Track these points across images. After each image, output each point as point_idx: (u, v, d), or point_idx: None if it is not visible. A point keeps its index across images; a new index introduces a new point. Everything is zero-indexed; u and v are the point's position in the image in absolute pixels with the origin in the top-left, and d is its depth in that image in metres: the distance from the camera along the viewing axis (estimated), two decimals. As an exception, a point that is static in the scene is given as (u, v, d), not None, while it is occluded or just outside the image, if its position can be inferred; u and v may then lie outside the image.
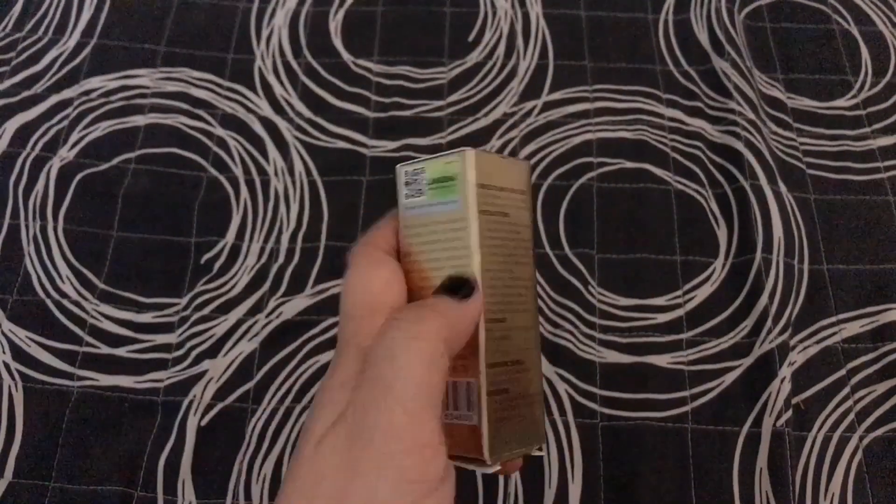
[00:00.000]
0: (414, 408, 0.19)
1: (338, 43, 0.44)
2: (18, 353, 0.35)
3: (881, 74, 0.43)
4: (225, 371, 0.35)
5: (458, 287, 0.22)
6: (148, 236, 0.38)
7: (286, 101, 0.42)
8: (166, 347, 0.36)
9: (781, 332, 0.35)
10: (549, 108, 0.41)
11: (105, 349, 0.35)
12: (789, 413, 0.34)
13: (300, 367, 0.35)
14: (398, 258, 0.24)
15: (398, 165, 0.24)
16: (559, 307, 0.36)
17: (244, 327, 0.36)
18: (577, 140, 0.40)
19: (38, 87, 0.42)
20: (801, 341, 0.36)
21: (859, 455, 0.33)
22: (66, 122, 0.41)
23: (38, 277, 0.37)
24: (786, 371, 0.34)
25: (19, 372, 0.35)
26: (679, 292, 0.37)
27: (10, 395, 0.34)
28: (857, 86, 0.42)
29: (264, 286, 0.37)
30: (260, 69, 0.43)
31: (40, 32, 0.43)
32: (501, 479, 0.33)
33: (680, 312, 0.36)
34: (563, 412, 0.34)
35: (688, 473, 0.33)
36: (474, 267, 0.22)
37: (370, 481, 0.19)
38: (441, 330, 0.20)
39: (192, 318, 0.36)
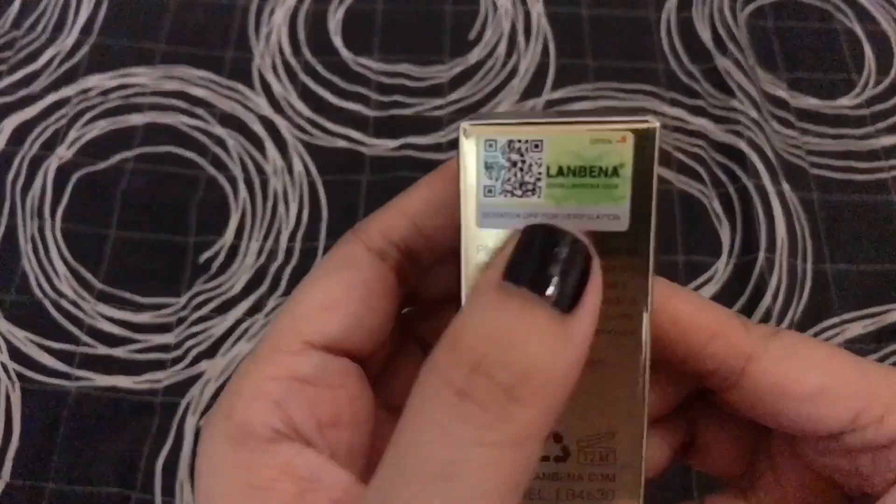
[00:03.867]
0: None
1: (337, 41, 0.43)
2: (16, 353, 0.35)
3: (885, 73, 0.42)
4: (223, 372, 0.35)
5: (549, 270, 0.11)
6: (146, 236, 0.38)
7: (285, 99, 0.41)
8: (164, 348, 0.35)
9: (784, 333, 0.35)
10: (551, 106, 0.41)
11: (103, 349, 0.35)
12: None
13: (299, 367, 0.35)
14: (405, 263, 0.16)
15: (467, 125, 0.13)
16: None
17: (243, 327, 0.36)
18: (578, 139, 0.40)
19: (36, 86, 0.41)
20: (805, 342, 0.35)
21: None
22: (63, 121, 0.40)
23: (36, 277, 0.37)
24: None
25: (16, 372, 0.35)
26: (681, 292, 0.36)
27: (8, 396, 0.34)
28: (861, 84, 0.42)
29: (263, 286, 0.37)
30: (259, 67, 0.42)
31: (38, 30, 0.43)
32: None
33: (682, 313, 0.36)
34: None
35: (690, 474, 0.33)
36: (642, 330, 0.14)
37: None
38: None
39: (191, 319, 0.36)
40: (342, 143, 0.40)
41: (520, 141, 0.13)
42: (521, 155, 0.13)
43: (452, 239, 0.14)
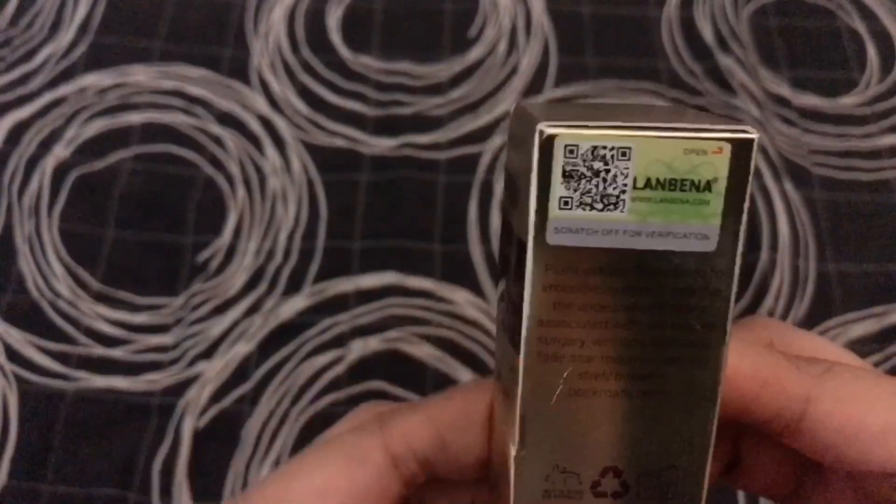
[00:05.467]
0: None
1: (336, 39, 0.43)
2: (12, 354, 0.35)
3: (888, 71, 0.42)
4: (221, 372, 0.35)
5: None
6: (144, 235, 0.37)
7: (284, 98, 0.41)
8: (162, 348, 0.35)
9: (787, 333, 0.35)
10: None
11: (100, 350, 0.35)
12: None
13: (298, 368, 0.35)
14: (420, 474, 0.15)
15: (545, 126, 0.11)
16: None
17: (241, 328, 0.35)
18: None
19: (33, 84, 0.41)
20: (807, 342, 0.35)
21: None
22: (61, 120, 0.40)
23: (33, 277, 0.36)
24: (791, 373, 0.34)
25: (13, 373, 0.34)
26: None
27: (5, 396, 0.34)
28: (864, 83, 0.42)
29: (261, 286, 0.36)
30: (257, 66, 0.42)
31: (35, 28, 0.43)
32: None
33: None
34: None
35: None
36: (719, 361, 0.13)
37: None
38: None
39: (188, 319, 0.36)
40: (341, 142, 0.40)
41: (605, 147, 0.11)
42: (606, 163, 0.11)
43: (479, 460, 0.14)
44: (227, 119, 0.41)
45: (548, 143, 0.11)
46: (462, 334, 0.35)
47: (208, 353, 0.35)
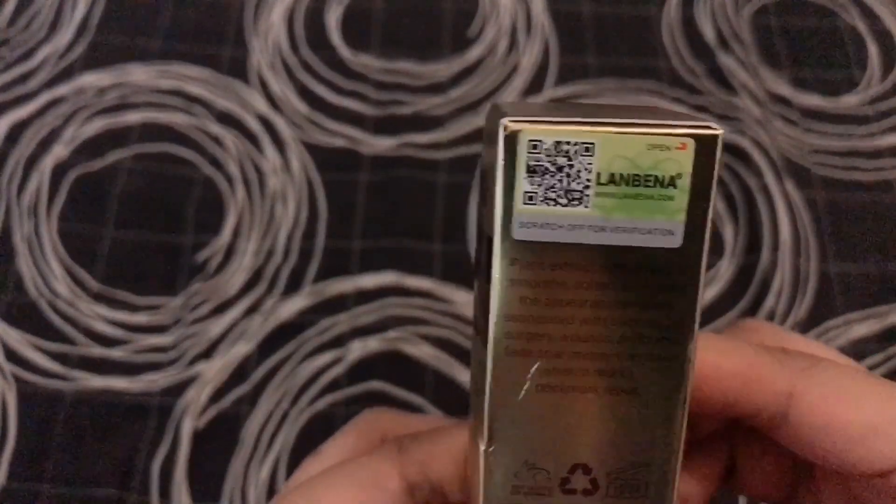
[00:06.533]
0: None
1: (336, 38, 0.43)
2: (11, 354, 0.35)
3: (889, 71, 0.42)
4: (220, 373, 0.35)
5: None
6: (143, 235, 0.37)
7: (283, 97, 0.41)
8: (161, 349, 0.35)
9: (788, 334, 0.35)
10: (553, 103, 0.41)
11: (99, 350, 0.35)
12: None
13: (298, 368, 0.35)
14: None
15: (509, 122, 0.12)
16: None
17: (240, 328, 0.35)
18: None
19: (32, 84, 0.41)
20: (808, 343, 0.35)
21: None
22: (59, 120, 0.40)
23: (32, 277, 0.36)
24: (792, 373, 0.34)
25: (12, 373, 0.34)
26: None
27: (3, 397, 0.34)
28: (865, 82, 0.42)
29: (261, 286, 0.36)
30: (256, 65, 0.42)
31: (34, 28, 0.43)
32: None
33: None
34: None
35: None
36: (686, 357, 0.13)
37: None
38: None
39: (188, 319, 0.35)
40: (341, 142, 0.40)
41: (568, 143, 0.11)
42: (570, 159, 0.11)
43: None
44: (226, 118, 0.41)
45: (511, 138, 0.12)
46: (462, 334, 0.35)
47: (207, 354, 0.35)
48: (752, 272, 0.36)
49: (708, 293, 0.36)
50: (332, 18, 0.44)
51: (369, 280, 0.36)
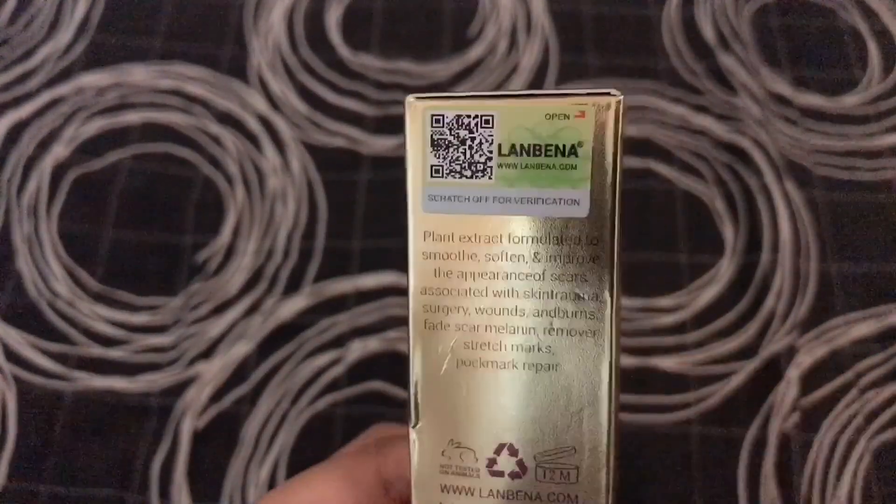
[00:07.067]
0: None
1: (335, 38, 0.43)
2: (11, 355, 0.35)
3: (890, 71, 0.42)
4: (220, 373, 0.34)
5: None
6: (142, 235, 0.37)
7: (283, 97, 0.41)
8: (161, 349, 0.35)
9: (788, 333, 0.35)
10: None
11: (99, 350, 0.35)
12: (796, 415, 0.33)
13: (297, 368, 0.35)
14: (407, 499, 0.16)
15: (412, 98, 0.12)
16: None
17: (240, 328, 0.35)
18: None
19: (32, 84, 0.41)
20: (809, 342, 0.35)
21: (867, 458, 0.33)
22: (59, 120, 0.40)
23: (32, 277, 0.36)
24: (793, 373, 0.34)
25: (12, 373, 0.34)
26: (684, 292, 0.36)
27: (3, 397, 0.34)
28: (866, 82, 0.42)
29: (261, 286, 0.36)
30: (256, 65, 0.42)
31: (34, 28, 0.43)
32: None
33: (685, 313, 0.36)
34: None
35: (693, 477, 0.32)
36: (607, 330, 0.12)
37: None
38: None
39: (187, 319, 0.35)
40: (340, 142, 0.40)
41: (469, 116, 0.11)
42: (471, 131, 0.12)
43: None
44: (226, 118, 0.40)
45: (414, 113, 0.12)
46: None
47: (207, 354, 0.35)
48: (752, 272, 0.36)
49: (708, 293, 0.36)
50: (332, 18, 0.44)
51: (369, 280, 0.36)
